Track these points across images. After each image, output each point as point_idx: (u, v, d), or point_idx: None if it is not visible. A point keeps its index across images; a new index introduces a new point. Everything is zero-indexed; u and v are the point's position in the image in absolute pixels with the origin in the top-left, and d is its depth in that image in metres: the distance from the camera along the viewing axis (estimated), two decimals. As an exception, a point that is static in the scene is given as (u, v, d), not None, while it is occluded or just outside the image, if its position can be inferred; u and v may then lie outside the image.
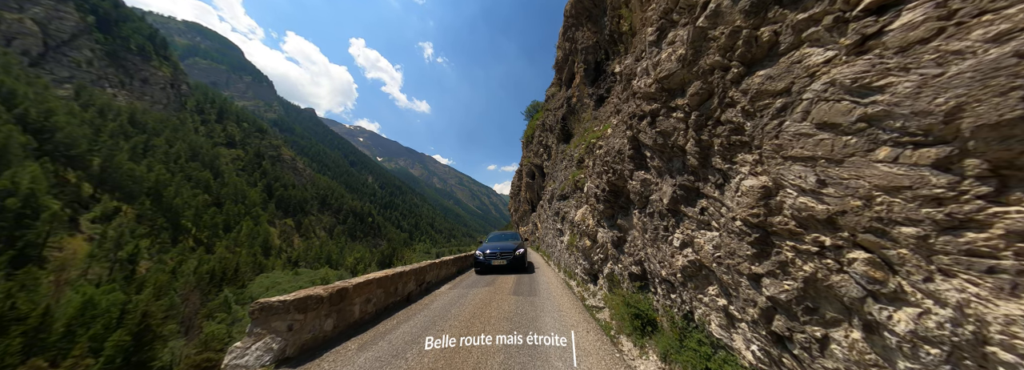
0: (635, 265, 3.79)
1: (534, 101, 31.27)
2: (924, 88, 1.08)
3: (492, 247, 9.03)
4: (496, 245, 9.19)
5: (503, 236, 11.28)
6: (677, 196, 2.76)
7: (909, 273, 1.13)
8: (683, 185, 2.69)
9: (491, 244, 9.69)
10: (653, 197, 3.23)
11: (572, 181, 10.40)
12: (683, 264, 2.67)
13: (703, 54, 2.30)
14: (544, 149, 24.97)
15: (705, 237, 2.42)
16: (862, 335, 1.33)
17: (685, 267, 2.65)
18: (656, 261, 3.21)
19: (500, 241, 10.23)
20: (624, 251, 4.15)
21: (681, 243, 2.74)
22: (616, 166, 3.94)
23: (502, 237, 11.12)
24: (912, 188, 1.11)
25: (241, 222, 58.79)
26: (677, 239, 2.80)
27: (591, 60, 15.59)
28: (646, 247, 3.44)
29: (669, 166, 2.95)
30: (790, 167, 1.61)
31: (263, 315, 2.59)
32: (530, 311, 4.46)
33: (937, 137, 1.06)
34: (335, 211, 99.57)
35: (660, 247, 3.10)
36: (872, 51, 1.28)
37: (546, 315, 4.26)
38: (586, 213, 6.76)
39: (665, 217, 3.00)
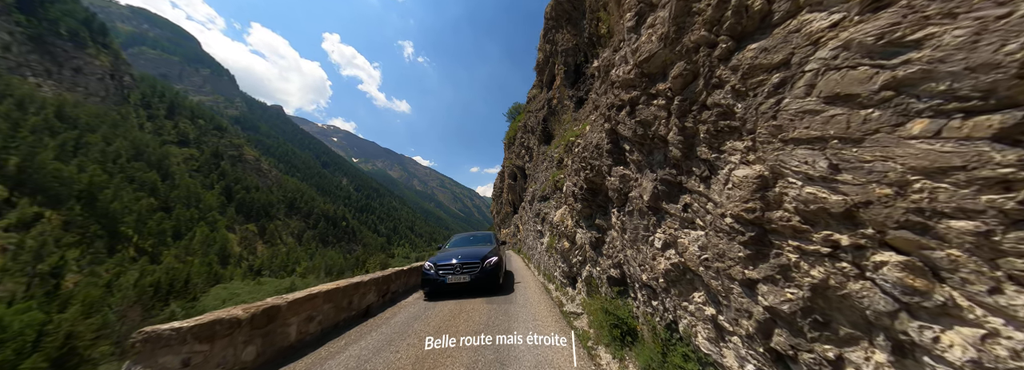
0: (614, 268, 3.51)
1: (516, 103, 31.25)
2: (984, 34, 0.81)
3: (449, 256, 6.07)
4: (456, 252, 6.30)
5: (471, 239, 8.03)
6: (658, 192, 2.49)
7: (965, 281, 0.86)
8: (665, 180, 2.42)
9: (451, 251, 6.76)
10: (633, 194, 2.96)
11: (552, 182, 10.17)
12: (665, 267, 2.40)
13: (687, 30, 2.04)
14: (526, 151, 24.90)
15: (690, 237, 2.15)
16: (890, 358, 1.06)
17: (668, 271, 2.38)
18: (636, 264, 2.93)
19: (465, 246, 7.30)
20: (603, 253, 3.88)
21: (663, 244, 2.46)
22: (594, 162, 3.67)
23: (469, 240, 7.92)
24: (966, 169, 0.84)
25: (194, 228, 54.50)
26: (659, 239, 2.53)
27: (571, 62, 15.65)
28: (625, 248, 3.16)
29: (650, 159, 2.68)
30: (792, 152, 1.34)
31: (149, 348, 2.03)
32: (503, 322, 4.08)
33: (1003, 98, 0.80)
34: (305, 215, 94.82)
35: (640, 248, 2.82)
36: (897, 3, 1.02)
37: (521, 325, 3.90)
38: (565, 214, 6.50)
39: (646, 215, 2.73)
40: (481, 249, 6.55)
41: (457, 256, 5.94)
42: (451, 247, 7.59)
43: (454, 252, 6.41)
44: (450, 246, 7.75)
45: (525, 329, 3.63)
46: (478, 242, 7.66)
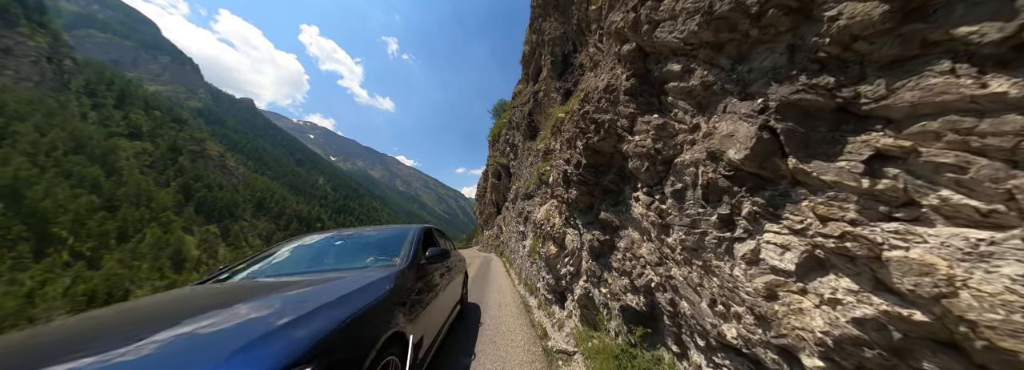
0: (634, 294, 2.09)
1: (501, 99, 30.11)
2: None
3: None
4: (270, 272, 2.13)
5: (345, 245, 2.71)
6: (778, 134, 1.07)
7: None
8: (799, 105, 1.00)
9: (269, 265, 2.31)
10: (685, 158, 1.55)
11: (537, 175, 8.76)
12: (832, 324, 0.97)
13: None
14: (511, 148, 23.77)
15: (929, 243, 0.74)
16: None
17: (835, 335, 0.95)
18: (700, 294, 1.51)
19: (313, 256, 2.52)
20: (613, 266, 2.45)
21: (797, 260, 1.04)
22: (601, 116, 2.24)
23: (329, 249, 2.68)
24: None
25: (144, 229, 49.31)
26: (771, 249, 1.10)
27: (558, 52, 14.67)
28: (667, 263, 1.73)
29: (742, 73, 1.27)
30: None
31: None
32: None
33: None
34: (275, 216, 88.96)
35: (714, 266, 1.40)
36: None
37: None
38: (551, 210, 5.04)
39: (724, 195, 1.31)
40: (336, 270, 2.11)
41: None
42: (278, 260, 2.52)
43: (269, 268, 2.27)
44: (245, 276, 2.26)
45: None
46: (351, 250, 2.66)
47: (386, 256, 2.32)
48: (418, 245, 2.41)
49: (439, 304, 2.42)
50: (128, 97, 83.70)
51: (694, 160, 1.48)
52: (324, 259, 2.51)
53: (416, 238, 2.54)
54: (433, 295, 2.24)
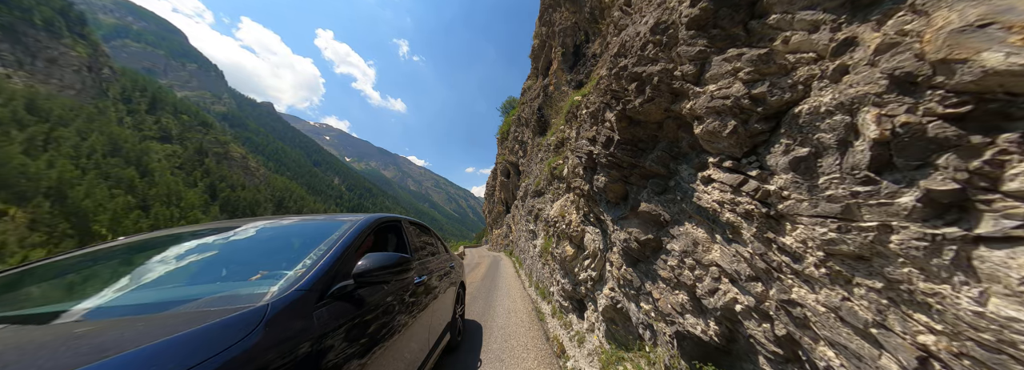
0: (700, 316, 1.48)
1: (510, 97, 29.59)
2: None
3: None
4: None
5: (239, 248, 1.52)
6: None
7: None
8: None
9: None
10: (821, 100, 0.95)
11: (548, 170, 8.17)
12: None
13: None
14: (519, 145, 23.25)
15: None
16: None
17: None
18: (865, 337, 0.90)
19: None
20: (660, 274, 1.83)
21: None
22: (647, 67, 1.61)
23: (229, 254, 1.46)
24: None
25: (174, 227, 51.84)
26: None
27: (570, 43, 14.05)
28: (779, 277, 1.12)
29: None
30: None
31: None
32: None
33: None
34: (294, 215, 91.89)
35: (907, 287, 0.80)
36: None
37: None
38: (566, 205, 4.45)
39: (935, 153, 0.71)
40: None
41: None
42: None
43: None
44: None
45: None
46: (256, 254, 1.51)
47: (288, 268, 1.20)
48: (344, 252, 1.31)
49: (399, 345, 1.46)
50: (159, 103, 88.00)
51: (843, 101, 0.87)
52: (157, 274, 1.26)
53: (345, 240, 1.39)
54: (387, 331, 1.34)
